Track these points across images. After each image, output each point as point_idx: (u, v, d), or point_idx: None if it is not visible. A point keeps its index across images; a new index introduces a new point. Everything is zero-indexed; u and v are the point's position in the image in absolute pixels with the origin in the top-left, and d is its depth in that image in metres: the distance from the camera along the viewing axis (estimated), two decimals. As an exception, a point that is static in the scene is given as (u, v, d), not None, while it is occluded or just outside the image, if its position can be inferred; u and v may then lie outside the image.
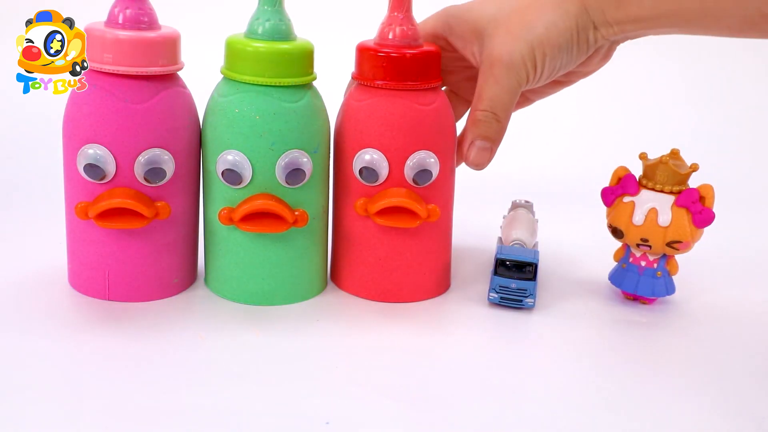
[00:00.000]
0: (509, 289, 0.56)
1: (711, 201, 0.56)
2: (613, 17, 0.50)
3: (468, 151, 0.52)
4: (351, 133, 0.53)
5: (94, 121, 0.49)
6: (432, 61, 0.52)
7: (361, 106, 0.52)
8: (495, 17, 0.51)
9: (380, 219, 0.52)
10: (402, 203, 0.51)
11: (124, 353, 0.47)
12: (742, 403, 0.47)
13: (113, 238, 0.52)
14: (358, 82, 0.53)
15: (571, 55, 0.51)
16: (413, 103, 0.51)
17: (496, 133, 0.52)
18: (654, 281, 0.58)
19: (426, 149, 0.52)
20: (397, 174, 0.52)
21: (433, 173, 0.52)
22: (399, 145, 0.51)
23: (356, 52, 0.52)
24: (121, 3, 0.49)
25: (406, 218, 0.52)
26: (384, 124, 0.51)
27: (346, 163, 0.53)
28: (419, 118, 0.51)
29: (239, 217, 0.51)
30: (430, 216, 0.52)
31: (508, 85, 0.50)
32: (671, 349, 0.54)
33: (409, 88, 0.51)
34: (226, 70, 0.52)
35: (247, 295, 0.55)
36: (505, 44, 0.50)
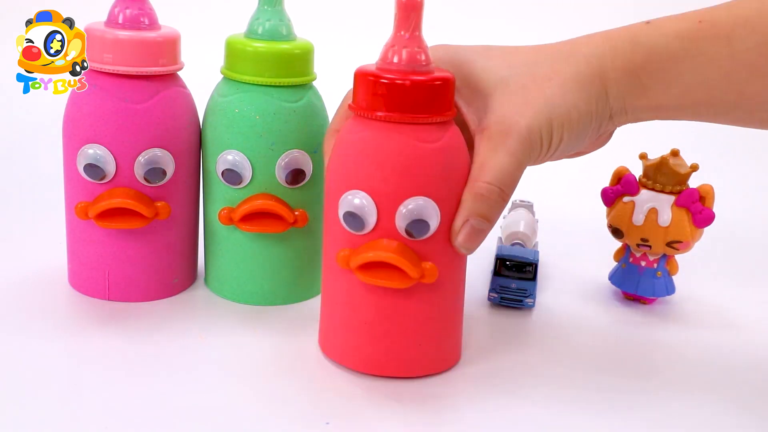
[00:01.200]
0: (509, 289, 0.56)
1: (711, 201, 0.56)
2: (634, 105, 0.44)
3: (461, 231, 0.43)
4: (338, 171, 0.44)
5: (94, 121, 0.49)
6: (442, 90, 0.43)
7: (353, 140, 0.43)
8: (506, 80, 0.44)
9: (363, 275, 0.43)
10: (387, 258, 0.42)
11: (124, 353, 0.47)
12: (742, 403, 0.47)
13: (113, 238, 0.52)
14: (354, 113, 0.44)
15: (583, 140, 0.45)
16: (412, 140, 0.42)
17: (496, 213, 0.43)
18: (654, 281, 0.58)
19: (424, 195, 0.42)
20: (387, 223, 0.43)
21: (431, 225, 0.43)
22: (390, 188, 0.42)
23: (354, 78, 0.44)
24: (121, 3, 0.49)
25: (394, 277, 0.43)
26: (374, 162, 0.42)
27: (332, 206, 0.45)
28: (418, 158, 0.42)
29: (239, 217, 0.51)
30: (425, 276, 0.43)
31: (522, 159, 0.43)
32: (671, 349, 0.54)
33: (409, 122, 0.42)
34: (226, 70, 0.52)
35: (247, 295, 0.55)
36: (523, 115, 0.43)
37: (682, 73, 0.43)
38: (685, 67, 0.43)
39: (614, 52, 0.44)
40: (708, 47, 0.42)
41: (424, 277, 0.43)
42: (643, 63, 0.43)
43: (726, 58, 0.42)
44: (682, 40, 0.43)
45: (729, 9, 0.43)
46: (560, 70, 0.44)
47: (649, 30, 0.44)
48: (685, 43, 0.42)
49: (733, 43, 0.42)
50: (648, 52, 0.43)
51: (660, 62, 0.43)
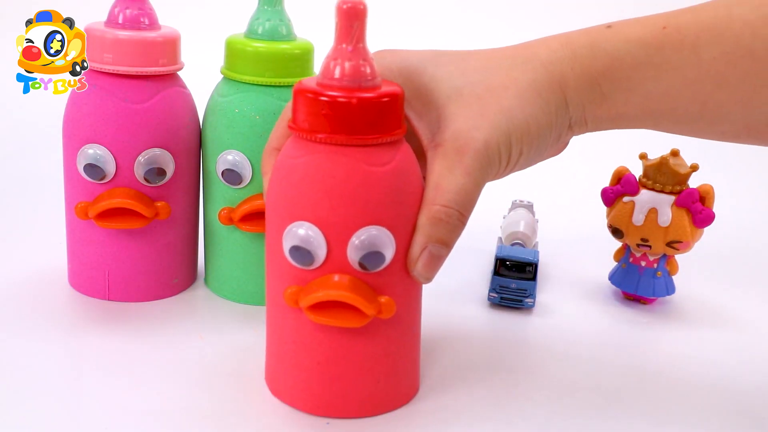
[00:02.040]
0: (509, 289, 0.56)
1: (711, 201, 0.56)
2: (594, 114, 0.42)
3: (419, 259, 0.40)
4: (280, 199, 0.40)
5: (94, 121, 0.49)
6: (391, 106, 0.38)
7: (295, 166, 0.39)
8: (460, 91, 0.41)
9: (314, 315, 0.39)
10: (340, 297, 0.38)
11: (124, 353, 0.47)
12: (743, 403, 0.47)
13: (113, 238, 0.52)
14: (294, 133, 0.40)
15: (542, 153, 0.43)
16: (361, 164, 0.38)
17: (456, 237, 0.40)
18: (654, 281, 0.58)
19: (377, 224, 0.38)
20: (338, 256, 0.39)
21: (387, 256, 0.39)
22: (340, 218, 0.38)
23: (293, 94, 0.39)
24: (121, 3, 0.49)
25: (348, 315, 0.39)
26: (320, 190, 0.38)
27: (276, 240, 0.40)
28: (368, 184, 0.38)
29: (239, 217, 0.51)
30: (382, 312, 0.39)
31: (479, 178, 0.40)
32: (671, 349, 0.54)
33: (356, 143, 0.38)
34: (226, 70, 0.52)
35: (247, 295, 0.55)
36: (480, 128, 0.40)
37: (644, 82, 0.41)
38: (648, 75, 0.41)
39: (573, 59, 0.41)
40: (672, 55, 0.40)
41: (381, 313, 0.39)
42: (603, 70, 0.41)
43: (691, 67, 0.40)
44: (645, 47, 0.40)
45: (694, 14, 0.41)
46: (517, 78, 0.41)
47: (610, 35, 0.41)
48: (649, 51, 0.40)
49: (699, 51, 0.40)
50: (609, 58, 0.41)
51: (621, 70, 0.41)
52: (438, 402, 0.44)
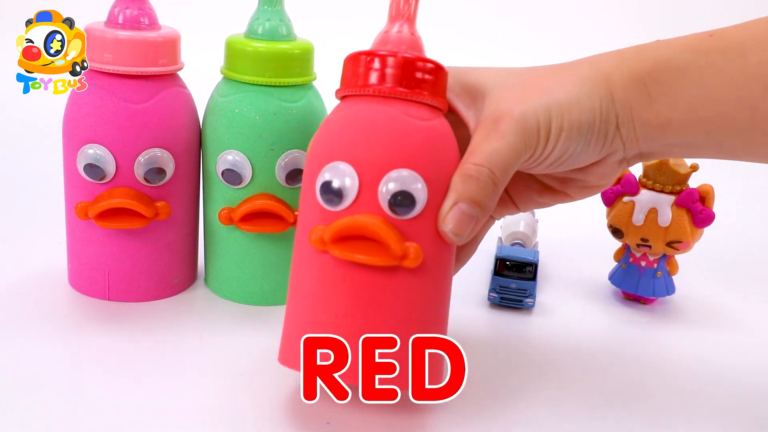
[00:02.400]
0: (509, 289, 0.56)
1: (711, 201, 0.56)
2: (641, 116, 0.41)
3: (449, 215, 0.39)
4: (317, 146, 0.40)
5: (94, 121, 0.49)
6: (435, 73, 0.40)
7: (338, 117, 0.40)
8: (504, 80, 0.42)
9: (338, 249, 0.38)
10: (367, 226, 0.37)
11: (124, 353, 0.47)
12: (743, 403, 0.47)
13: (113, 238, 0.52)
14: (339, 95, 0.41)
15: (588, 144, 0.41)
16: (402, 114, 0.39)
17: (487, 198, 0.39)
18: (654, 281, 0.58)
19: (411, 168, 0.38)
20: (368, 197, 0.38)
21: (418, 200, 0.38)
22: (374, 157, 0.38)
23: (343, 63, 0.41)
24: (121, 3, 0.49)
25: (373, 252, 0.38)
26: (359, 132, 0.39)
27: (309, 188, 0.40)
28: (406, 131, 0.39)
29: (239, 217, 0.51)
30: (408, 257, 0.38)
31: (515, 143, 0.39)
32: (671, 349, 0.54)
33: (399, 96, 0.39)
34: (226, 70, 0.52)
35: (247, 295, 0.55)
36: (517, 102, 0.40)
37: (690, 85, 0.40)
38: (693, 78, 0.40)
39: (620, 59, 0.42)
40: (717, 59, 0.40)
41: (406, 258, 0.38)
42: (649, 71, 0.41)
43: (737, 71, 0.39)
44: (690, 51, 0.40)
45: (743, 25, 0.41)
46: (561, 72, 0.42)
47: (656, 44, 0.42)
48: (694, 55, 0.40)
49: (746, 56, 0.39)
50: (654, 61, 0.41)
51: (666, 71, 0.40)
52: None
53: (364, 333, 0.38)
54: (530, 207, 0.48)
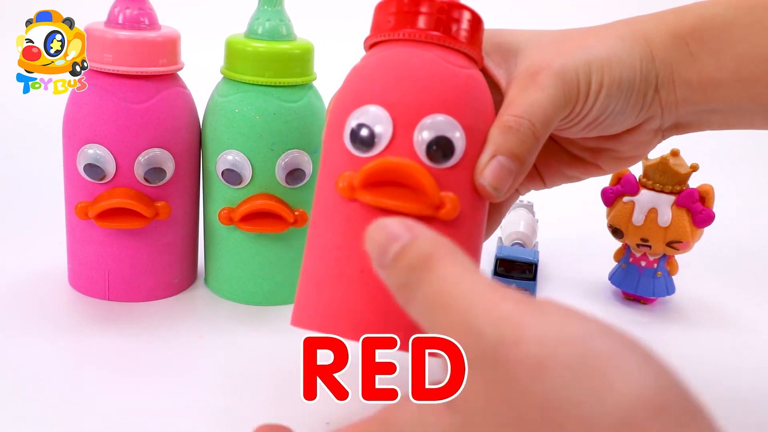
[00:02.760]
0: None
1: (711, 201, 0.56)
2: (682, 77, 0.39)
3: (487, 167, 0.36)
4: (348, 90, 0.37)
5: (94, 121, 0.49)
6: (474, 24, 0.38)
7: (369, 61, 0.37)
8: (538, 38, 0.40)
9: (368, 195, 0.35)
10: (402, 166, 0.34)
11: (124, 353, 0.47)
12: (742, 403, 0.47)
13: (113, 238, 0.52)
14: (369, 42, 0.39)
15: (627, 102, 0.39)
16: (440, 59, 0.36)
17: (528, 152, 0.36)
18: (654, 281, 0.58)
19: (448, 114, 0.35)
20: (403, 141, 0.35)
21: (456, 148, 0.35)
22: (411, 101, 0.35)
23: (375, 10, 0.39)
24: (121, 3, 0.49)
25: (407, 198, 0.35)
26: (394, 75, 0.36)
27: (334, 132, 0.37)
28: (444, 76, 0.36)
29: (239, 217, 0.51)
30: (444, 207, 0.35)
31: (555, 95, 0.37)
32: (671, 349, 0.54)
33: (436, 41, 0.37)
34: (226, 70, 0.52)
35: (247, 295, 0.55)
36: (555, 56, 0.38)
37: (735, 43, 0.38)
38: (738, 35, 0.38)
39: (658, 19, 0.40)
40: (764, 15, 0.38)
41: (442, 208, 0.35)
42: (691, 29, 0.39)
43: None
44: (734, 7, 0.38)
45: None
46: (598, 31, 0.40)
47: (696, 4, 0.40)
48: (739, 11, 0.38)
49: None
50: (696, 18, 0.39)
51: (710, 29, 0.38)
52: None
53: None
54: (558, 181, 0.46)
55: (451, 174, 0.36)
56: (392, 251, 0.29)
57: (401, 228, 0.29)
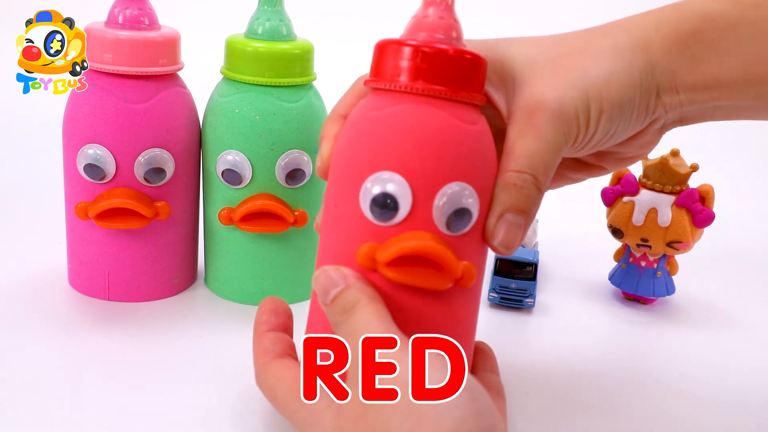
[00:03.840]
0: (509, 289, 0.56)
1: (711, 201, 0.56)
2: (685, 81, 0.38)
3: (496, 228, 0.37)
4: (359, 150, 0.37)
5: (94, 121, 0.49)
6: (479, 67, 0.37)
7: (380, 116, 0.36)
8: (534, 59, 0.38)
9: (394, 273, 0.35)
10: (430, 250, 0.35)
11: (124, 353, 0.47)
12: (742, 403, 0.47)
13: (113, 238, 0.52)
14: (375, 86, 0.37)
15: (629, 120, 0.38)
16: (453, 118, 0.36)
17: (533, 204, 0.37)
18: (654, 281, 0.58)
19: (464, 181, 0.36)
20: (422, 212, 0.35)
21: (473, 217, 0.36)
22: (429, 170, 0.35)
23: (375, 50, 0.38)
24: (121, 3, 0.49)
25: (430, 276, 0.35)
26: (411, 140, 0.35)
27: (348, 196, 0.37)
28: (459, 139, 0.36)
29: (239, 217, 0.51)
30: (463, 278, 0.36)
31: (553, 139, 0.36)
32: (671, 349, 0.54)
33: (448, 97, 0.36)
34: (226, 70, 0.52)
35: (247, 295, 0.55)
36: (551, 89, 0.37)
37: (740, 43, 0.37)
38: (744, 34, 0.37)
39: (658, 22, 0.38)
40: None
41: (462, 279, 0.36)
42: (693, 30, 0.37)
43: None
44: (738, 5, 0.37)
45: None
46: (596, 42, 0.38)
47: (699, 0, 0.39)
48: (744, 10, 0.37)
49: None
50: (698, 18, 0.37)
51: (713, 30, 0.37)
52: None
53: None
54: (562, 184, 0.45)
55: (466, 240, 0.37)
56: (331, 294, 0.35)
57: (339, 276, 0.36)
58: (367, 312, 0.34)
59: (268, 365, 0.38)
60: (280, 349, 0.39)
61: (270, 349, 0.39)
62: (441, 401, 0.31)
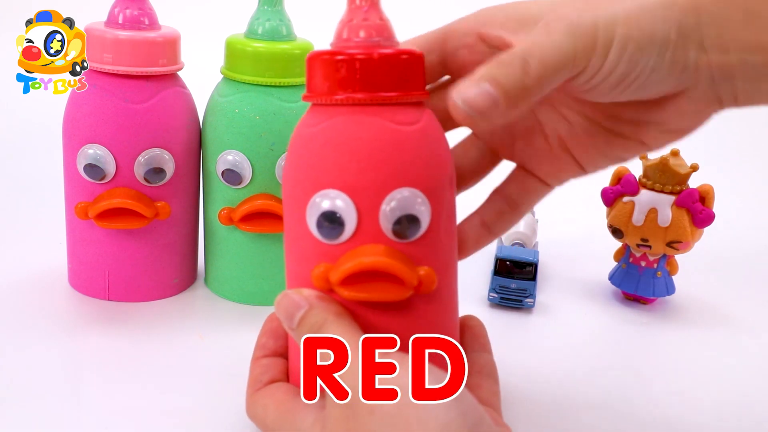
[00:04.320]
0: (509, 289, 0.56)
1: (711, 201, 0.56)
2: (737, 37, 0.33)
3: (466, 86, 0.33)
4: (300, 171, 0.36)
5: (94, 121, 0.49)
6: (413, 64, 0.35)
7: (314, 133, 0.36)
8: (555, 4, 0.36)
9: (347, 291, 0.35)
10: (377, 264, 0.34)
11: (124, 353, 0.47)
12: (742, 403, 0.47)
13: (113, 238, 0.52)
14: (309, 101, 0.37)
15: (662, 58, 0.33)
16: (388, 122, 0.35)
17: (513, 85, 0.32)
18: (654, 281, 0.58)
19: (410, 186, 0.35)
20: (369, 224, 0.35)
21: (423, 221, 0.35)
22: (369, 181, 0.34)
23: (306, 64, 0.36)
24: (121, 3, 0.49)
25: (386, 289, 0.35)
26: (345, 153, 0.35)
27: (297, 218, 0.36)
28: (398, 143, 0.35)
29: (239, 217, 0.51)
30: (423, 285, 0.35)
31: (560, 41, 0.33)
32: (671, 349, 0.54)
33: (381, 102, 0.35)
34: (226, 70, 0.52)
35: (247, 295, 0.55)
36: (576, 10, 0.34)
37: None
38: None
39: None
40: None
41: (421, 286, 0.35)
42: None
43: None
44: None
45: None
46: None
47: None
48: None
49: None
50: None
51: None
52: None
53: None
54: (600, 164, 0.40)
55: (421, 244, 0.36)
56: (297, 318, 0.36)
57: (301, 299, 0.36)
58: (337, 329, 0.34)
59: (254, 396, 0.38)
60: (269, 377, 0.39)
61: (258, 379, 0.39)
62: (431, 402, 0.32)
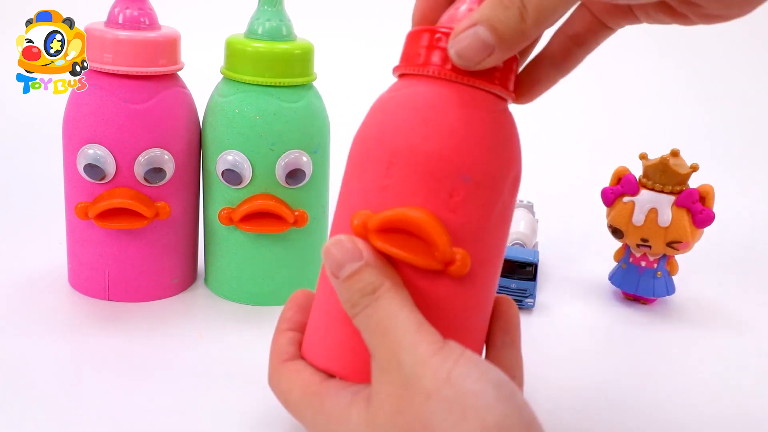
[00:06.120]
0: (509, 289, 0.56)
1: (711, 201, 0.56)
2: None
3: (461, 34, 0.32)
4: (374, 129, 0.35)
5: (94, 121, 0.49)
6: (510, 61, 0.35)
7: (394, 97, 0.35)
8: None
9: (380, 241, 0.33)
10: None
11: (124, 353, 0.47)
12: (742, 403, 0.47)
13: (113, 238, 0.52)
14: (399, 72, 0.36)
15: None
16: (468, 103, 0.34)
17: (508, 30, 0.32)
18: (654, 281, 0.58)
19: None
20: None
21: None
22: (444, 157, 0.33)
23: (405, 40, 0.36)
24: (121, 3, 0.49)
25: (419, 252, 0.33)
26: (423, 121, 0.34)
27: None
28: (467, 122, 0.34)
29: (239, 217, 0.51)
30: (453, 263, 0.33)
31: None
32: (671, 349, 0.54)
33: (465, 82, 0.34)
34: (226, 70, 0.52)
35: (247, 295, 0.55)
36: None
37: None
38: None
39: None
40: None
41: (452, 264, 0.33)
42: None
43: None
44: None
45: None
46: None
47: None
48: None
49: None
50: None
51: None
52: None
53: None
54: (651, 16, 0.37)
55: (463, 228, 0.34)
56: (347, 270, 0.33)
57: (356, 251, 0.33)
58: (394, 301, 0.32)
59: (280, 367, 0.37)
60: (295, 350, 0.37)
61: (285, 350, 0.37)
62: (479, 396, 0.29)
